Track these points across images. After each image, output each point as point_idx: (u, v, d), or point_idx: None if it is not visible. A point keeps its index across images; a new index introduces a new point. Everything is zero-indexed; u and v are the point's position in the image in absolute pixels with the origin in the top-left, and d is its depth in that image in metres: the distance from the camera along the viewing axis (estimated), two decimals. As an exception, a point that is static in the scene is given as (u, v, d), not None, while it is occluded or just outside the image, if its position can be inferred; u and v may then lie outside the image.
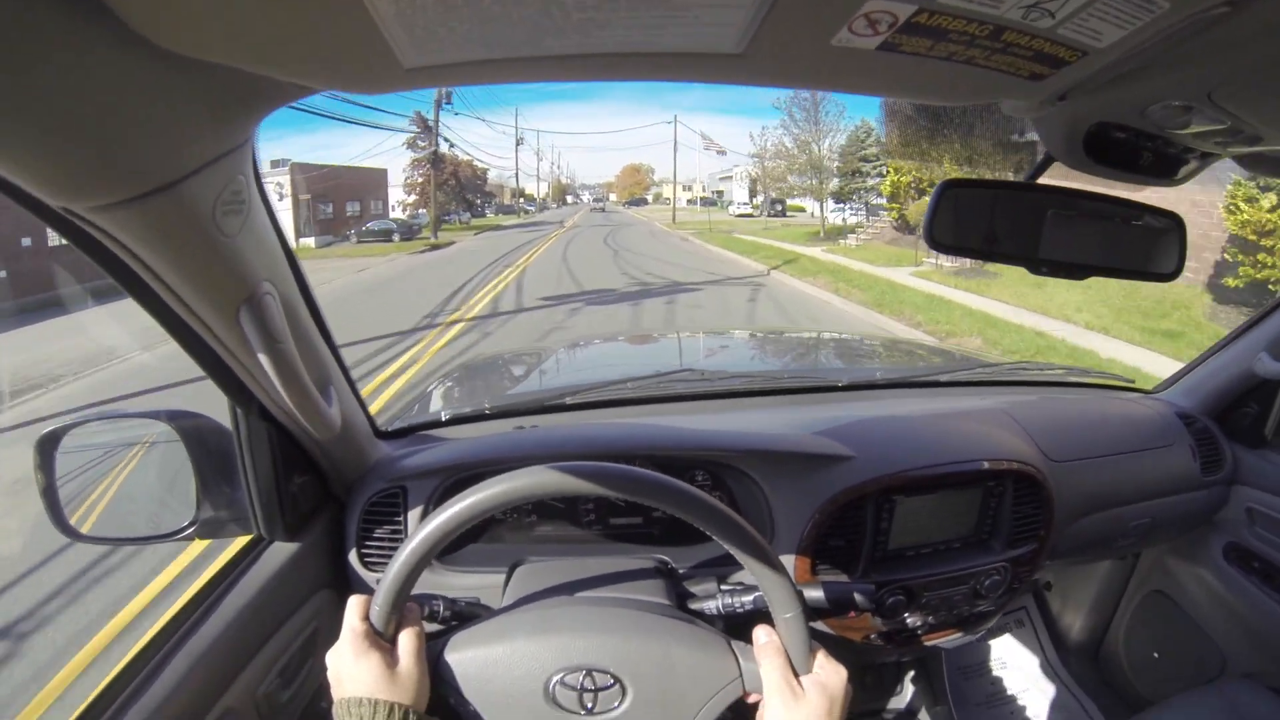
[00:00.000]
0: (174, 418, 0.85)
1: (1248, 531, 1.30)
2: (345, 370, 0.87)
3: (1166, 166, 0.67)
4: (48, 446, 0.83)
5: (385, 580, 0.62)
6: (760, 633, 0.64)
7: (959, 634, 1.05)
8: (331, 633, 0.89)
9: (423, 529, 0.61)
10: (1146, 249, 0.73)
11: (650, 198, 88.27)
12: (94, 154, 0.38)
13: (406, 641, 0.62)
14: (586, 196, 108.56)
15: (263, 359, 0.59)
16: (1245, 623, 1.28)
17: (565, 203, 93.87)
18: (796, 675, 0.61)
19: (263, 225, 0.58)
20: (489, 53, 0.38)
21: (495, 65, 0.39)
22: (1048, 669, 1.57)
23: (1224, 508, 1.33)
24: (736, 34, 0.37)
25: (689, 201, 65.22)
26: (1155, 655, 1.46)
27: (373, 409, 1.03)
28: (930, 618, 0.99)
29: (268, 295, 0.58)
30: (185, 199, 0.45)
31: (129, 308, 0.58)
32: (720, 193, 66.85)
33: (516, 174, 61.52)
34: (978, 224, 0.66)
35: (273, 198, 0.62)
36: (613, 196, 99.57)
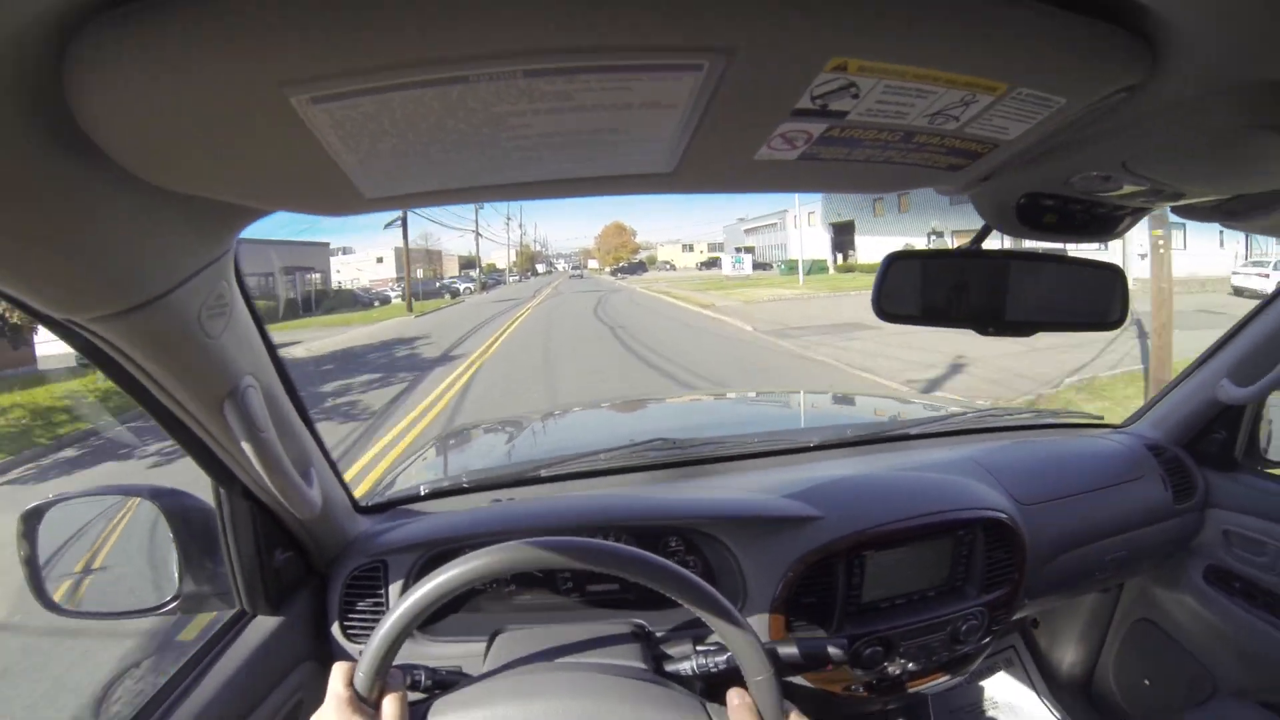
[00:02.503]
0: (156, 495, 0.86)
1: (1226, 553, 1.32)
2: (324, 450, 0.89)
3: (1101, 224, 0.71)
4: (32, 521, 0.84)
5: (370, 647, 0.63)
6: (733, 695, 0.66)
7: (943, 678, 1.06)
8: (314, 704, 0.88)
9: (406, 599, 0.63)
10: (1089, 301, 0.77)
11: (642, 261, 74.41)
12: (92, 274, 0.41)
13: (390, 707, 0.63)
14: (562, 265, 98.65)
15: (246, 447, 0.62)
16: (1232, 643, 1.29)
17: (535, 273, 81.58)
18: None
19: (244, 322, 0.61)
20: (440, 185, 0.41)
21: (447, 193, 0.43)
22: (1040, 706, 1.56)
23: (1201, 532, 1.35)
24: (664, 158, 0.41)
25: (702, 265, 59.03)
26: (1146, 682, 1.47)
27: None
28: (911, 665, 1.00)
29: (250, 388, 0.61)
30: (173, 308, 0.48)
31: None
32: (749, 250, 52.32)
33: (476, 238, 49.82)
34: (924, 293, 0.70)
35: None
36: (593, 263, 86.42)
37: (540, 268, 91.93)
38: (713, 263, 58.66)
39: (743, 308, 16.09)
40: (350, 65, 0.28)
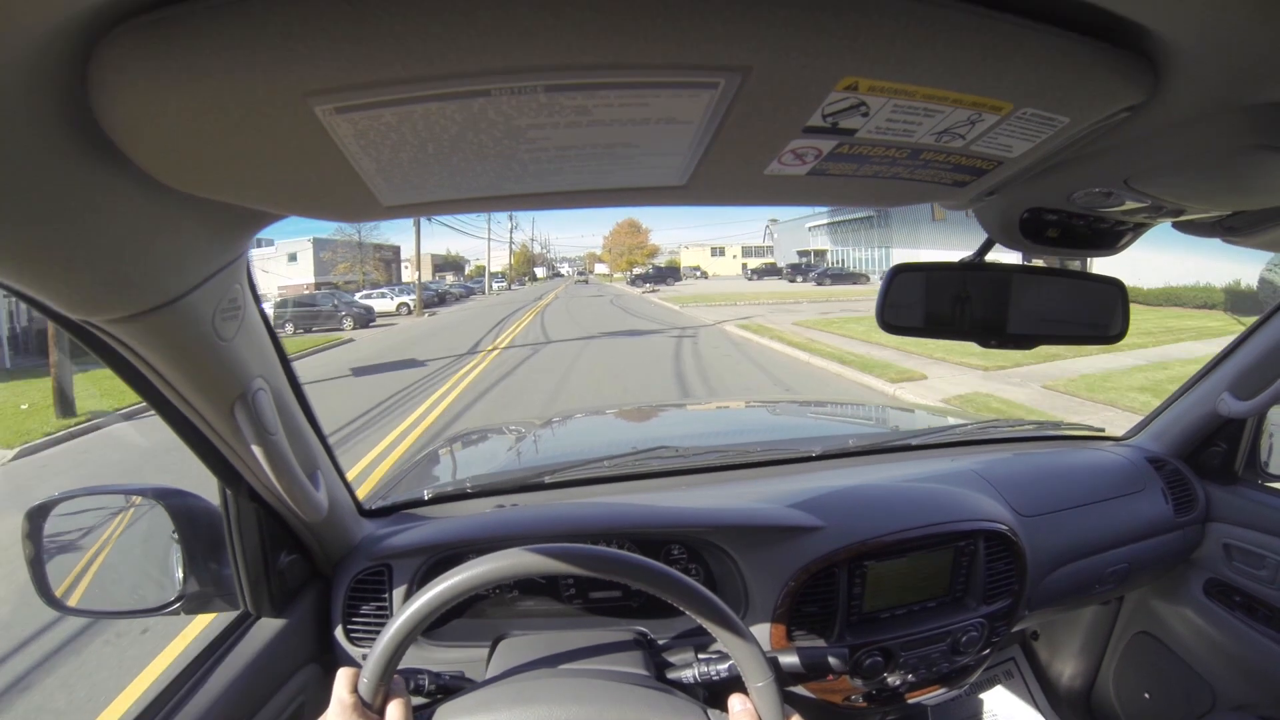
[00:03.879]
0: (162, 496, 0.86)
1: (1226, 567, 1.32)
2: (330, 453, 0.90)
3: (1103, 239, 0.72)
4: (37, 518, 0.84)
5: (374, 653, 0.64)
6: (735, 701, 0.66)
7: (942, 690, 1.06)
8: (317, 707, 0.89)
9: (411, 605, 0.64)
10: (1091, 314, 0.78)
11: (673, 266, 58.71)
12: (110, 277, 0.42)
13: (394, 713, 0.64)
14: (567, 269, 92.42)
15: (255, 450, 0.62)
16: (1231, 656, 1.29)
17: (534, 278, 71.92)
18: None
19: (255, 326, 0.62)
20: (458, 194, 0.42)
21: (464, 202, 0.43)
22: (1039, 718, 1.56)
23: (1201, 545, 1.36)
24: (678, 172, 0.42)
25: (756, 273, 46.80)
26: (1146, 696, 1.46)
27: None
28: (910, 676, 1.00)
29: (260, 391, 0.62)
30: (188, 311, 0.49)
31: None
32: (817, 255, 43.58)
33: (488, 240, 45.58)
34: (927, 305, 0.70)
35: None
36: (601, 267, 76.06)
37: (540, 272, 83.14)
38: (768, 271, 46.78)
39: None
40: (376, 77, 0.29)
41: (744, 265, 60.00)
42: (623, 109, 0.33)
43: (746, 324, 14.19)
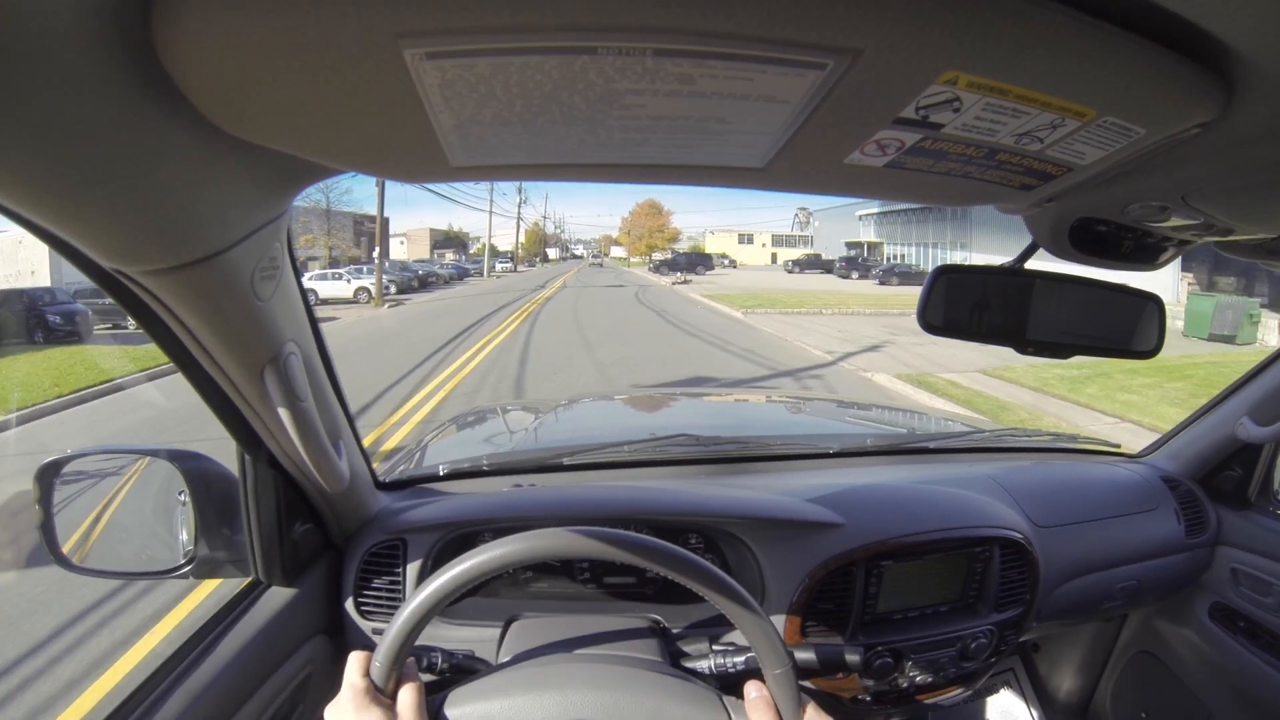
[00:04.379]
0: (176, 457, 0.86)
1: (1233, 592, 1.32)
2: (352, 423, 0.89)
3: (1146, 254, 0.71)
4: (48, 475, 0.84)
5: (387, 637, 0.63)
6: (751, 688, 0.66)
7: (947, 694, 1.05)
8: (325, 678, 0.88)
9: (426, 587, 0.63)
10: (1127, 328, 0.77)
11: (704, 253, 48.34)
12: (152, 224, 0.40)
13: (406, 698, 0.63)
14: (582, 250, 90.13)
15: (283, 414, 0.61)
16: (1232, 682, 1.29)
17: (546, 258, 67.15)
18: None
19: (291, 288, 0.60)
20: (532, 159, 0.41)
21: (536, 168, 0.42)
22: None
23: (1209, 569, 1.35)
24: (760, 153, 0.41)
25: (796, 265, 39.69)
26: (1143, 715, 1.46)
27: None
28: (918, 678, 1.00)
29: (292, 355, 0.60)
30: (229, 266, 0.47)
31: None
32: (871, 247, 37.32)
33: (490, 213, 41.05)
34: (968, 307, 0.70)
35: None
36: (618, 251, 71.73)
37: (552, 253, 78.76)
38: (810, 263, 39.79)
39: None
40: (480, 22, 0.27)
41: (774, 255, 56.03)
42: (727, 82, 0.32)
43: (917, 378, 7.74)
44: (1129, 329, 0.78)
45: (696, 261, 40.09)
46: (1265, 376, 1.27)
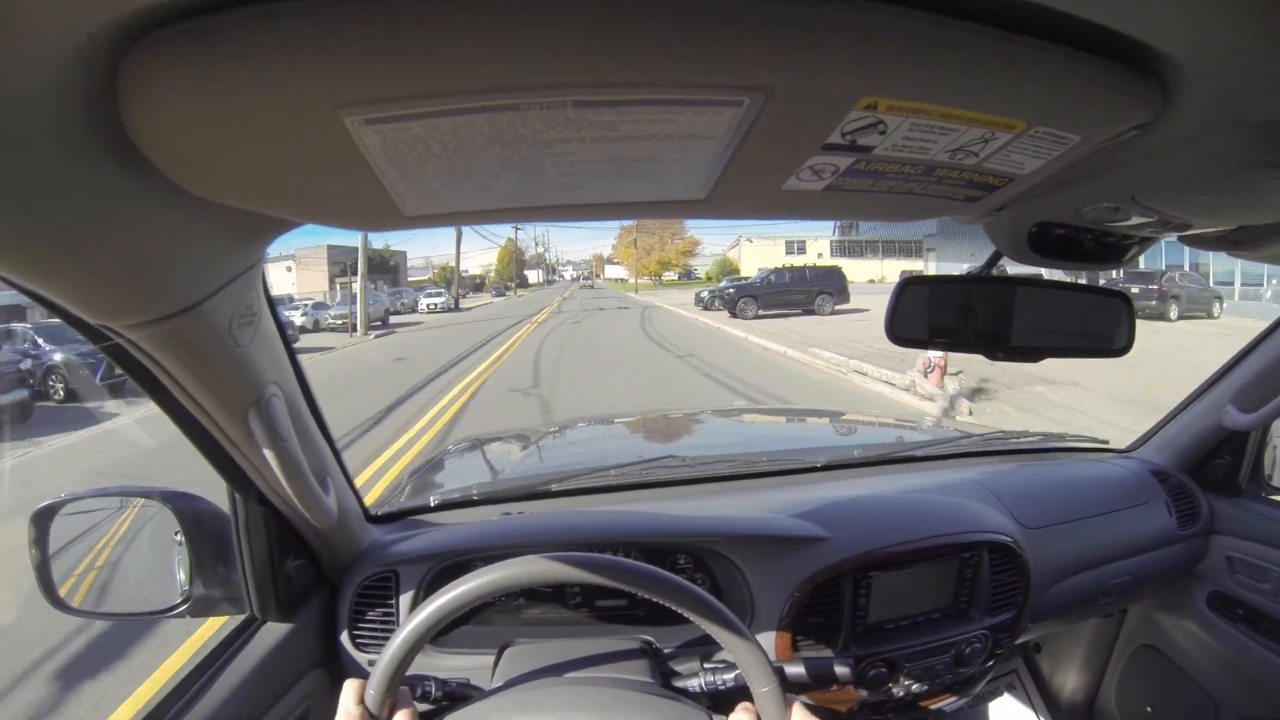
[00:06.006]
0: (169, 499, 0.87)
1: (1229, 579, 1.32)
2: (339, 459, 0.90)
3: (1109, 253, 0.72)
4: (44, 519, 0.85)
5: (380, 664, 0.63)
6: (740, 711, 0.66)
7: (946, 700, 1.06)
8: (323, 712, 0.89)
9: (418, 615, 0.64)
10: (1097, 328, 0.78)
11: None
12: (131, 283, 0.42)
13: None
14: (571, 273, 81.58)
15: (268, 455, 0.63)
16: (1235, 670, 1.29)
17: (521, 285, 52.32)
18: None
19: (270, 332, 0.62)
20: (480, 205, 0.43)
21: (485, 213, 0.44)
22: None
23: (1204, 558, 1.35)
24: (699, 186, 0.42)
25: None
26: (1148, 709, 1.46)
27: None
28: (914, 686, 1.00)
29: (274, 397, 0.62)
30: (206, 316, 0.49)
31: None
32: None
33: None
34: (936, 317, 0.71)
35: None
36: (615, 271, 63.04)
37: (533, 275, 68.43)
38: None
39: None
40: (407, 90, 0.29)
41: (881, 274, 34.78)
42: (649, 125, 0.34)
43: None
44: (1099, 328, 0.79)
45: (817, 280, 18.39)
46: (1247, 364, 1.28)
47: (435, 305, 28.51)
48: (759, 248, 43.16)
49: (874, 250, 39.47)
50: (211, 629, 2.72)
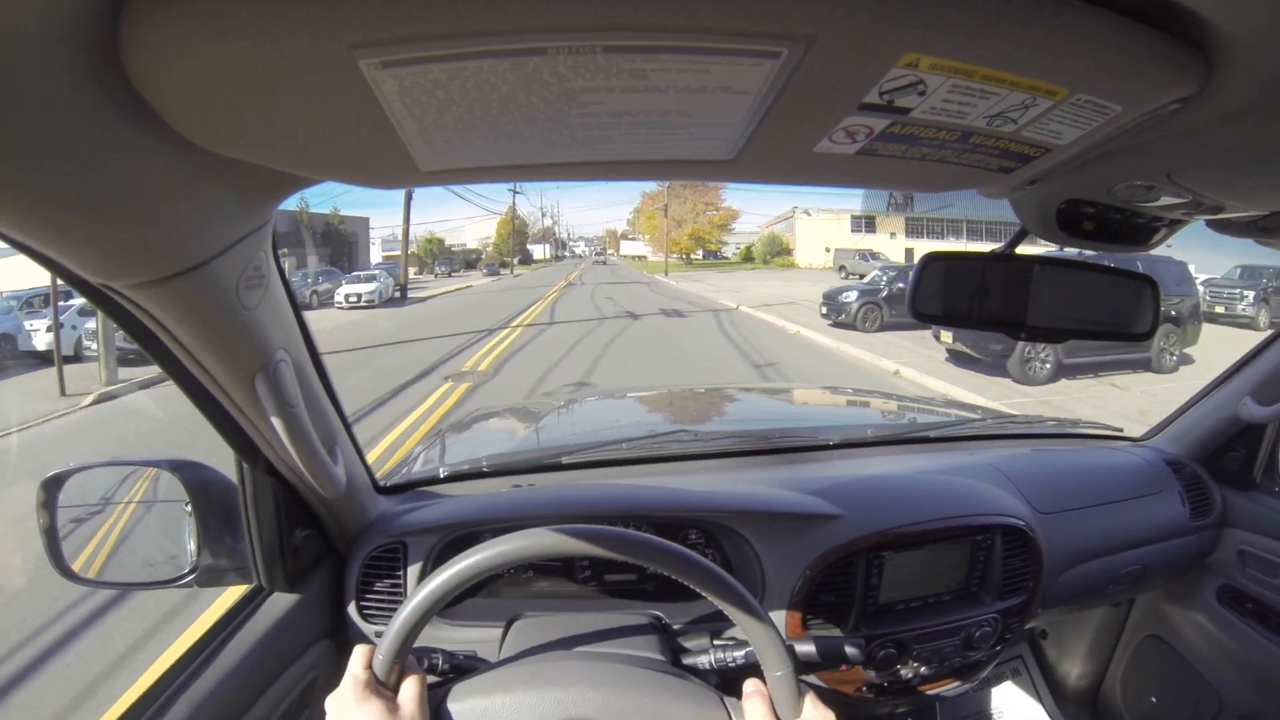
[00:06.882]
0: (178, 468, 0.86)
1: (1240, 574, 1.31)
2: (349, 428, 0.89)
3: (1137, 234, 0.71)
4: (51, 489, 0.85)
5: (390, 630, 0.63)
6: (749, 684, 0.66)
7: (953, 684, 1.05)
8: (329, 683, 0.89)
9: (428, 584, 0.63)
10: (1122, 310, 0.76)
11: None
12: (135, 240, 0.41)
13: (409, 690, 0.64)
14: (583, 248, 79.33)
15: (275, 422, 0.61)
16: (1241, 664, 1.28)
17: (522, 263, 44.07)
18: None
19: (278, 296, 0.61)
20: (500, 160, 0.41)
21: (505, 169, 0.42)
22: (1045, 717, 1.56)
23: (1215, 551, 1.34)
24: (727, 145, 0.41)
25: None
26: (1153, 700, 1.46)
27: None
28: (923, 669, 1.00)
29: (282, 362, 0.61)
30: (213, 277, 0.48)
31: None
32: None
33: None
34: (959, 294, 0.70)
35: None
36: (633, 246, 56.19)
37: (539, 251, 62.18)
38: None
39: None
40: (428, 30, 0.28)
41: (909, 250, 29.52)
42: (681, 75, 0.32)
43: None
44: (1124, 311, 0.77)
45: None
46: (1266, 357, 1.26)
47: (360, 298, 18.03)
48: (819, 221, 35.57)
49: (955, 231, 31.23)
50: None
